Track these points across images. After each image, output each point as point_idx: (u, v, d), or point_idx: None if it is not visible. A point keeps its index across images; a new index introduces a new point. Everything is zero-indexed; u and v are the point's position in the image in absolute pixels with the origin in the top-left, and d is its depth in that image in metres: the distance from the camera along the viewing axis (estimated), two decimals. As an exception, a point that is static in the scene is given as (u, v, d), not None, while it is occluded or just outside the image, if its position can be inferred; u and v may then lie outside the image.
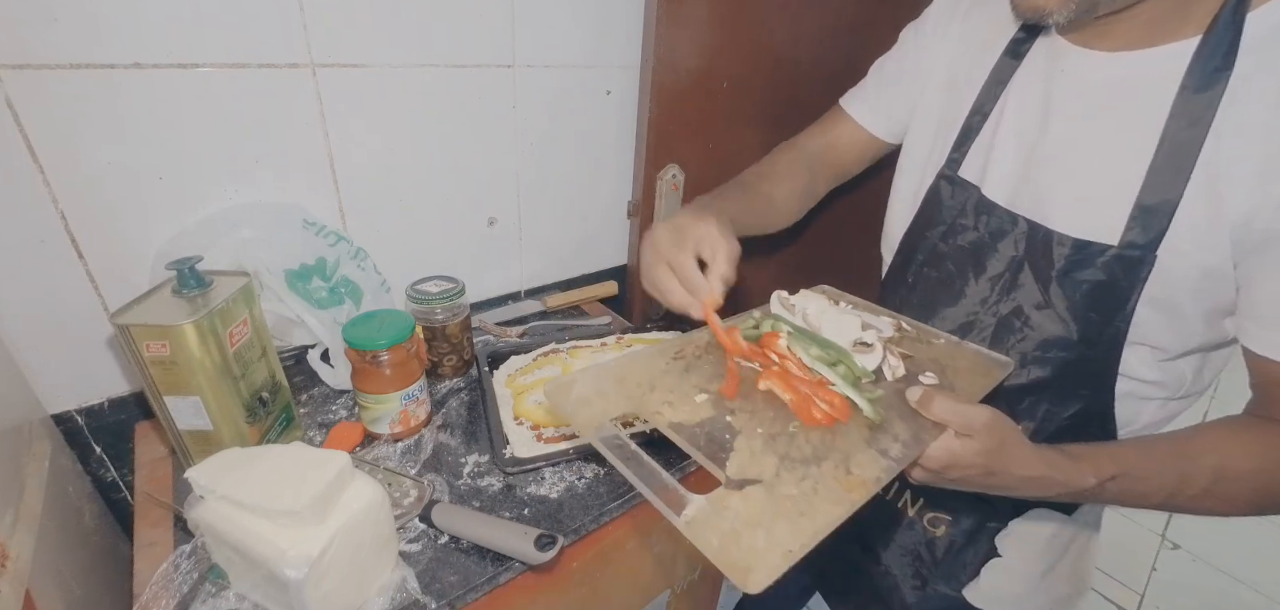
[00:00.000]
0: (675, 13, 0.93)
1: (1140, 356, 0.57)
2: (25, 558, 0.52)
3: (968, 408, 0.48)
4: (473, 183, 0.94)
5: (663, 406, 0.49)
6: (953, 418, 0.47)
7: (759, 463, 0.44)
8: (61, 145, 0.62)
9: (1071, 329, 0.57)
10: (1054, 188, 0.58)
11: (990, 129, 0.64)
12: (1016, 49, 0.63)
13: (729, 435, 0.46)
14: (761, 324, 0.59)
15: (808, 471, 0.43)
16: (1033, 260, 0.59)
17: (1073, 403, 0.60)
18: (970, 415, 0.47)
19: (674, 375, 0.54)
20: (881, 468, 0.44)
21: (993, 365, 0.58)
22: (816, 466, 0.43)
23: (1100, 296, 0.55)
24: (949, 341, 0.62)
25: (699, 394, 0.51)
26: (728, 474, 0.42)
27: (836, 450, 0.45)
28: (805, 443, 0.46)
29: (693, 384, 0.53)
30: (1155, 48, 0.52)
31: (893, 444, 0.46)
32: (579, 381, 0.52)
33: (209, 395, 0.57)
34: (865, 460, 0.44)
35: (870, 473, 0.43)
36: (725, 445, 0.45)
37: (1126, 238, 0.52)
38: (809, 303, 0.62)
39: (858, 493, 0.41)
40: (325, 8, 0.72)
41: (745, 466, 0.43)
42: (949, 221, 0.66)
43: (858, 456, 0.45)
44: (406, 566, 0.55)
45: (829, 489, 0.41)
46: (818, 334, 0.57)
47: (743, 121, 1.13)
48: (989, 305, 0.63)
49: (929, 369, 0.56)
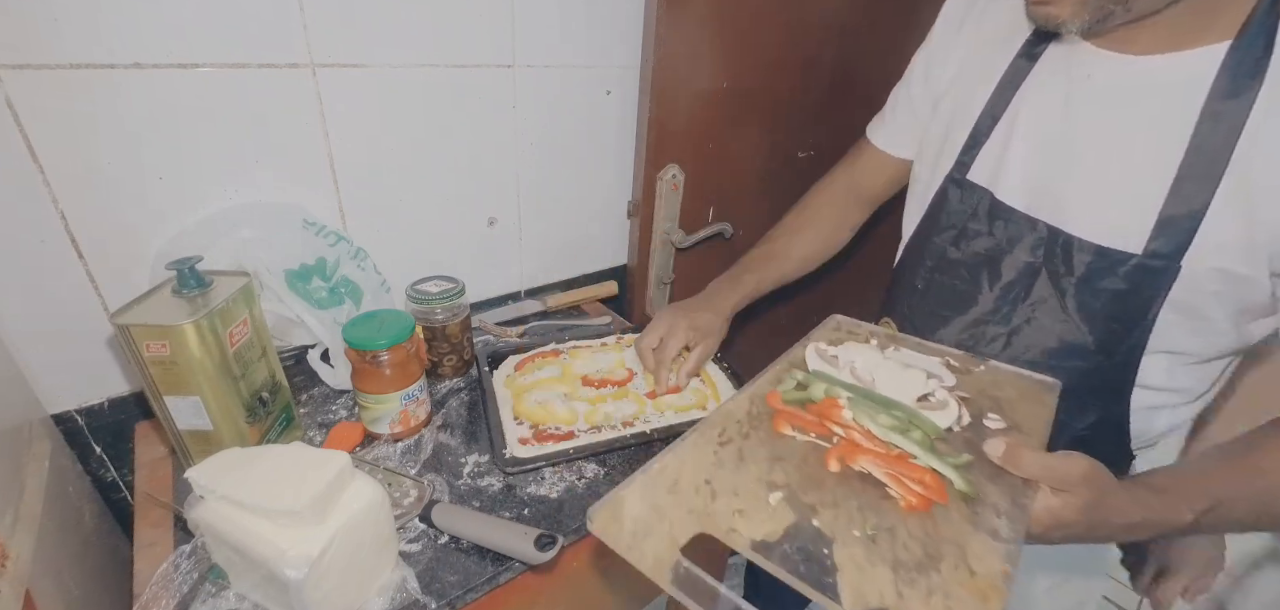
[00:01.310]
0: (675, 13, 0.93)
1: (1160, 364, 0.55)
2: (25, 558, 0.52)
3: (1061, 461, 0.45)
4: (473, 183, 0.94)
5: (736, 519, 0.43)
6: (1047, 475, 0.44)
7: (874, 580, 0.38)
8: (61, 145, 0.62)
9: (1088, 338, 0.56)
10: (1075, 193, 0.56)
11: (1003, 132, 0.63)
12: (1031, 51, 0.62)
13: (825, 547, 0.40)
14: (810, 387, 0.55)
15: (929, 581, 0.38)
16: (1051, 267, 0.58)
17: (1088, 413, 0.59)
18: (1065, 470, 0.44)
19: (729, 468, 0.48)
20: (1002, 555, 0.39)
21: (1042, 390, 0.55)
22: (936, 572, 0.38)
23: (1120, 305, 0.54)
24: (988, 368, 0.59)
25: (772, 493, 0.45)
26: (848, 607, 0.37)
27: (946, 542, 0.41)
28: (908, 538, 0.41)
29: (756, 478, 0.47)
30: (1182, 52, 0.51)
31: (996, 519, 0.42)
32: (628, 501, 0.44)
33: (209, 395, 0.57)
34: (981, 550, 0.40)
35: (995, 566, 0.39)
36: (826, 564, 0.39)
37: (1151, 246, 0.51)
38: (854, 355, 0.59)
39: (995, 600, 0.37)
40: (325, 8, 0.72)
41: (862, 590, 0.37)
42: (959, 226, 0.65)
43: (971, 546, 0.40)
44: (406, 566, 0.54)
45: (962, 601, 0.37)
46: (875, 393, 0.54)
47: (743, 121, 1.13)
48: (1001, 312, 0.62)
49: (987, 407, 0.53)
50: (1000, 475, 0.46)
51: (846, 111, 1.28)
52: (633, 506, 0.44)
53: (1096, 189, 0.55)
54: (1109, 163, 0.55)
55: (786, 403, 0.54)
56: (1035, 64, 0.61)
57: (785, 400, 0.55)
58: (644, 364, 0.81)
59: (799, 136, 1.25)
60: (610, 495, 0.45)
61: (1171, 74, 0.51)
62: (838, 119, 1.28)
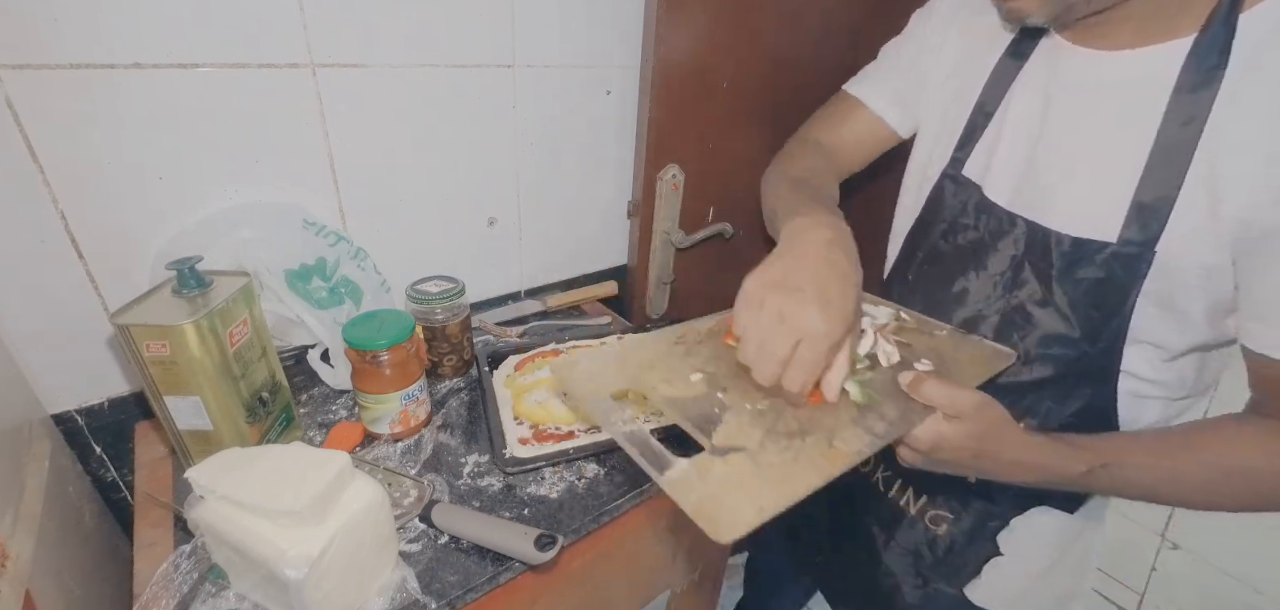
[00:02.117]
0: (675, 13, 0.93)
1: (1142, 354, 0.57)
2: (25, 558, 0.52)
3: (957, 390, 0.48)
4: (473, 183, 0.94)
5: (659, 383, 0.52)
6: (941, 400, 0.48)
7: (745, 434, 0.45)
8: (61, 145, 0.62)
9: (1073, 326, 0.58)
10: (1053, 187, 0.58)
11: (994, 129, 0.64)
12: (1018, 49, 0.63)
13: (719, 411, 0.48)
14: None
15: (791, 444, 0.44)
16: (1032, 259, 0.59)
17: (1075, 400, 0.61)
18: (959, 398, 0.48)
19: (674, 358, 0.56)
20: (865, 442, 0.45)
21: (995, 356, 0.58)
22: (801, 440, 0.45)
23: (1100, 294, 0.55)
24: (952, 333, 0.63)
25: (695, 374, 0.53)
26: (713, 442, 0.44)
27: (822, 427, 0.47)
28: (792, 419, 0.47)
29: (690, 365, 0.54)
30: (1151, 47, 0.52)
31: (879, 422, 0.48)
32: (583, 359, 0.55)
33: (209, 395, 0.57)
34: (850, 436, 0.46)
35: (853, 446, 0.44)
36: (714, 419, 0.47)
37: (1124, 235, 0.53)
38: None
39: (838, 463, 0.43)
40: (325, 8, 0.72)
41: (731, 436, 0.45)
42: (950, 220, 0.67)
43: (843, 433, 0.46)
44: (406, 566, 0.55)
45: (811, 459, 0.43)
46: None
47: (743, 121, 1.13)
48: (992, 302, 0.63)
49: (926, 358, 0.57)
50: (904, 401, 0.50)
51: (846, 111, 1.28)
52: (585, 363, 0.54)
53: (1073, 182, 0.57)
54: (1084, 156, 0.56)
55: None
56: (1024, 62, 0.63)
57: None
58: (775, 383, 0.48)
59: (799, 136, 1.25)
60: (572, 355, 0.54)
61: (1141, 68, 0.53)
62: (838, 119, 1.28)
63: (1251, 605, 1.41)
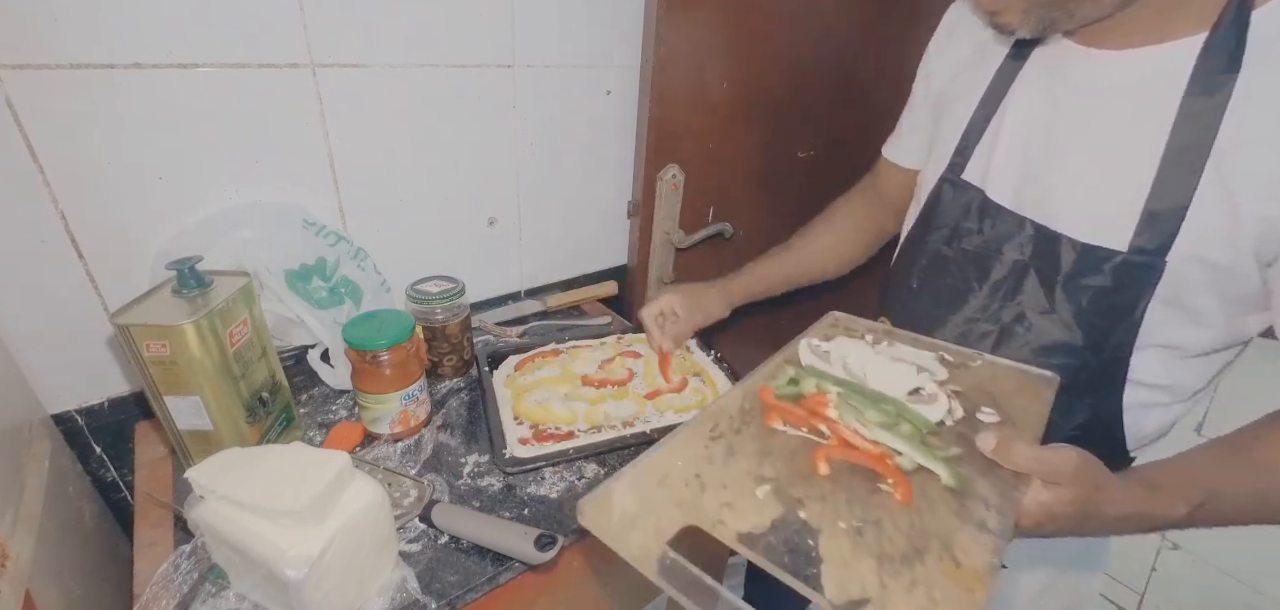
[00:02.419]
0: (675, 13, 0.93)
1: (1153, 359, 0.55)
2: (25, 558, 0.52)
3: (1052, 453, 0.44)
4: (473, 183, 0.94)
5: (723, 512, 0.43)
6: (1038, 468, 0.44)
7: (857, 572, 0.38)
8: (61, 145, 0.62)
9: (1076, 335, 0.56)
10: (1060, 190, 0.57)
11: (993, 131, 0.63)
12: (1019, 51, 0.62)
13: (810, 539, 0.41)
14: (801, 382, 0.55)
15: (913, 572, 0.38)
16: (1039, 264, 0.58)
17: (1078, 413, 0.59)
18: (1057, 462, 0.44)
19: (719, 463, 0.48)
20: (989, 549, 0.39)
21: (1039, 384, 0.55)
22: (921, 563, 0.38)
23: (1107, 302, 0.54)
24: (985, 362, 0.59)
25: (759, 486, 0.45)
26: (829, 598, 0.37)
27: (931, 534, 0.40)
28: (894, 531, 0.41)
29: (745, 471, 0.47)
30: (1159, 46, 0.51)
31: (984, 511, 0.42)
32: (617, 493, 0.45)
33: (209, 395, 0.57)
34: (967, 542, 0.39)
35: (979, 559, 0.38)
36: (810, 555, 0.39)
37: (1136, 242, 0.51)
38: (846, 350, 0.59)
39: (979, 591, 0.37)
40: (325, 8, 0.72)
41: (845, 582, 0.37)
42: (952, 225, 0.66)
43: (957, 538, 0.40)
44: (406, 566, 0.54)
45: (946, 592, 0.37)
46: (865, 388, 0.54)
47: (743, 121, 1.13)
48: (991, 311, 0.62)
49: (982, 401, 0.53)
50: (992, 469, 0.45)
51: (847, 111, 1.28)
52: (621, 498, 0.45)
53: (1081, 186, 0.56)
54: (1092, 159, 0.55)
55: (779, 398, 0.54)
56: (1023, 64, 0.62)
57: (778, 396, 0.55)
58: (646, 329, 0.87)
59: (799, 136, 1.25)
60: (600, 487, 0.45)
61: (1150, 68, 0.52)
62: (838, 119, 1.28)
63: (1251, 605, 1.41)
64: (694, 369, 0.87)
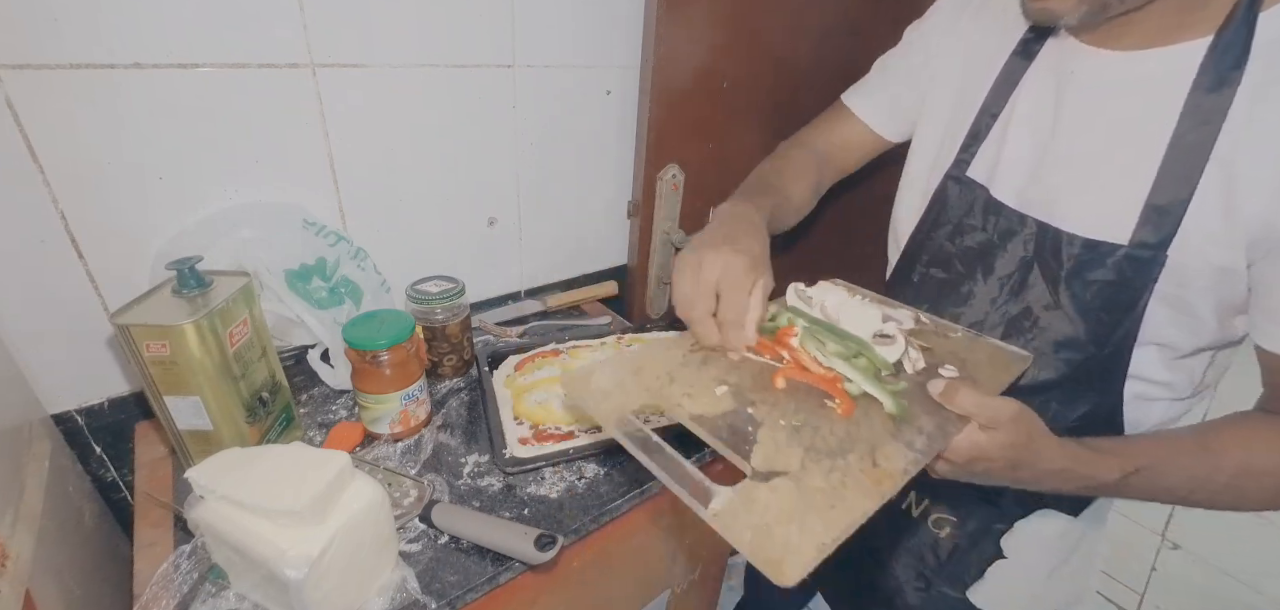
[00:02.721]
0: (675, 13, 0.93)
1: (1150, 356, 0.56)
2: (25, 558, 0.52)
3: (994, 400, 0.47)
4: (473, 183, 0.94)
5: (683, 399, 0.49)
6: (978, 410, 0.46)
7: (784, 455, 0.43)
8: (61, 145, 0.62)
9: (1080, 329, 0.57)
10: (1065, 188, 0.57)
11: (1000, 129, 0.64)
12: (1027, 49, 0.63)
13: (752, 428, 0.46)
14: (778, 317, 0.59)
15: (834, 463, 0.42)
16: (1042, 261, 0.59)
17: (1081, 404, 0.60)
18: (997, 408, 0.46)
19: (692, 367, 0.53)
20: (908, 459, 0.43)
21: (1012, 359, 0.57)
22: (842, 458, 0.43)
23: (1110, 296, 0.55)
24: (965, 334, 0.62)
25: (719, 386, 0.51)
26: (753, 466, 0.42)
27: (861, 441, 0.45)
28: (830, 434, 0.45)
29: (712, 376, 0.52)
30: (1167, 47, 0.52)
31: (917, 436, 0.46)
32: (597, 373, 0.52)
33: (209, 395, 0.57)
34: (891, 451, 0.44)
35: (897, 464, 0.43)
36: (748, 437, 0.45)
37: (1137, 237, 0.52)
38: (827, 294, 0.62)
39: (887, 484, 0.41)
40: (325, 8, 0.72)
41: (771, 458, 0.43)
42: (956, 221, 0.66)
43: (883, 447, 0.44)
44: (406, 566, 0.55)
45: (857, 481, 0.41)
46: (837, 326, 0.57)
47: (743, 121, 1.13)
48: (997, 306, 0.63)
49: (949, 362, 0.56)
50: (937, 411, 0.49)
51: (846, 111, 1.28)
52: (600, 380, 0.51)
53: (1085, 183, 0.56)
54: (1096, 157, 0.56)
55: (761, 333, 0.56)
56: (1031, 62, 0.62)
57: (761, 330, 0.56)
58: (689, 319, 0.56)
59: (799, 136, 1.25)
60: (584, 366, 0.52)
61: (1157, 68, 0.52)
62: (838, 119, 1.28)
63: (1251, 605, 1.41)
64: None
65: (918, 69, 0.75)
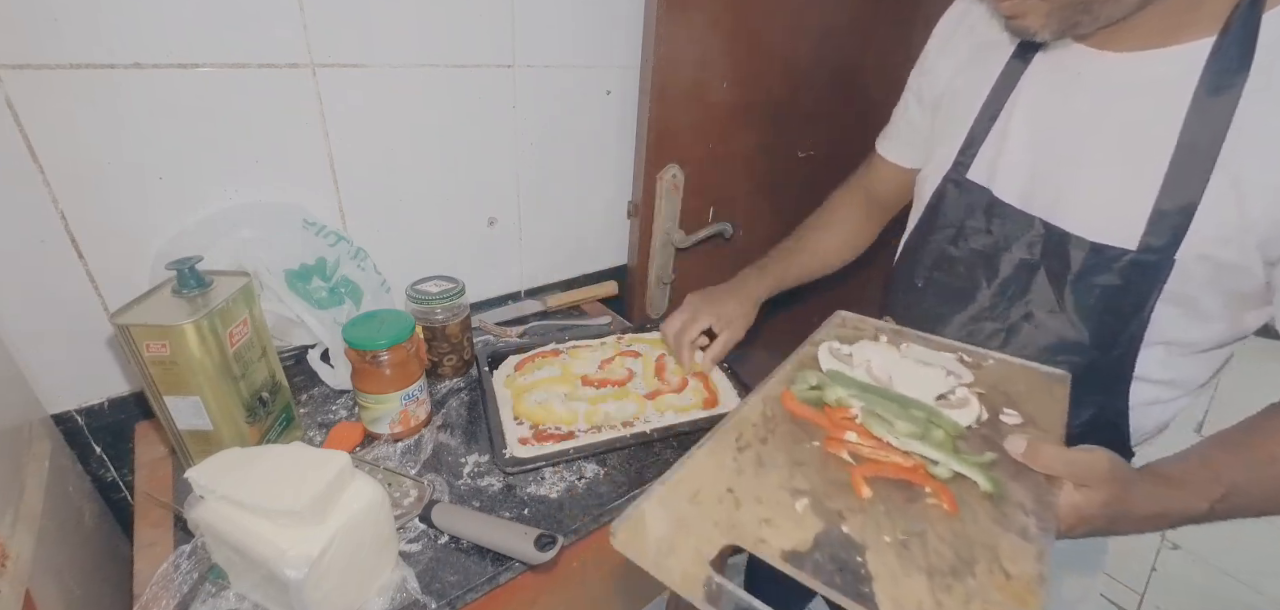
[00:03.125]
0: (675, 13, 0.93)
1: (1157, 356, 0.56)
2: (25, 558, 0.52)
3: (1083, 456, 0.45)
4: (473, 183, 0.94)
5: (762, 529, 0.42)
6: (1069, 471, 0.44)
7: (910, 588, 0.37)
8: (61, 145, 0.62)
9: (1084, 333, 0.56)
10: (1070, 190, 0.57)
11: (999, 131, 0.63)
12: (1024, 53, 0.62)
13: (857, 555, 0.40)
14: (824, 388, 0.54)
15: (966, 586, 0.37)
16: (1048, 263, 0.58)
17: (1085, 409, 0.59)
18: (1089, 465, 0.44)
19: (750, 474, 0.46)
20: (1035, 556, 0.39)
21: (1053, 382, 0.55)
22: (971, 576, 0.38)
23: (1116, 300, 0.54)
24: (999, 361, 0.59)
25: (797, 500, 0.44)
26: None
27: (976, 544, 0.40)
28: (939, 542, 0.40)
29: (778, 484, 0.45)
30: (1170, 48, 0.52)
31: (1024, 517, 0.42)
32: (649, 514, 0.43)
33: (209, 395, 0.57)
34: (1012, 550, 0.39)
35: (1028, 567, 0.38)
36: (859, 572, 0.38)
37: (1145, 241, 0.52)
38: (870, 353, 0.58)
39: (1032, 602, 0.36)
40: (325, 8, 0.72)
41: (901, 600, 0.37)
42: (958, 224, 0.66)
43: (1002, 546, 0.40)
44: (406, 566, 0.54)
45: (1000, 606, 0.36)
46: (894, 393, 0.53)
47: (743, 121, 1.13)
48: (999, 309, 0.62)
49: (1001, 402, 0.52)
50: (1022, 473, 0.45)
51: (847, 111, 1.28)
52: (654, 519, 0.42)
53: (1090, 186, 0.56)
54: (1102, 160, 0.55)
55: (802, 403, 0.53)
56: (1029, 65, 0.62)
57: (800, 400, 0.54)
58: (667, 346, 0.83)
59: (799, 136, 1.25)
60: (631, 509, 0.43)
61: (1159, 69, 0.52)
62: (838, 119, 1.28)
63: (1251, 605, 1.41)
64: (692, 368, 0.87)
65: (918, 105, 0.76)
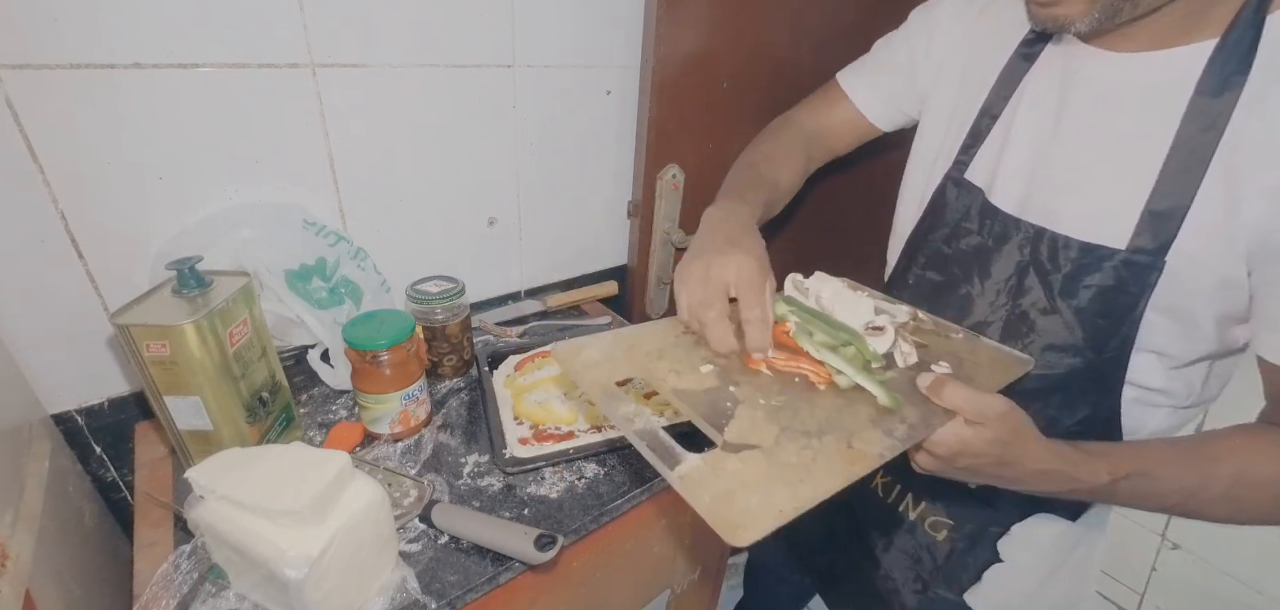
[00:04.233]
0: (675, 13, 0.93)
1: (1148, 363, 0.56)
2: (25, 558, 0.52)
3: (982, 395, 0.46)
4: (473, 183, 0.94)
5: (669, 374, 0.50)
6: (966, 405, 0.46)
7: (759, 431, 0.43)
8: (61, 145, 0.62)
9: (1077, 334, 0.56)
10: (1064, 191, 0.57)
11: (1000, 132, 0.63)
12: (1029, 51, 0.62)
13: (732, 404, 0.46)
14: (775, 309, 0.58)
15: (809, 442, 0.43)
16: (1038, 264, 0.58)
17: (1079, 409, 0.60)
18: (984, 404, 0.46)
19: (683, 348, 0.54)
20: (885, 445, 0.43)
21: (1012, 362, 0.57)
22: (819, 439, 0.43)
23: (1107, 301, 0.54)
24: (967, 336, 0.61)
25: (705, 365, 0.51)
26: (726, 438, 0.43)
27: (841, 426, 0.45)
28: (810, 417, 0.46)
29: (700, 356, 0.53)
30: (1172, 49, 0.51)
31: (899, 426, 0.46)
32: (589, 345, 0.52)
33: (209, 395, 0.57)
34: (869, 438, 0.44)
35: (872, 448, 0.43)
36: (726, 412, 0.45)
37: (1135, 242, 0.52)
38: (823, 286, 0.62)
39: (858, 465, 0.41)
40: (325, 8, 0.72)
41: (745, 433, 0.43)
42: (953, 224, 0.66)
43: (862, 434, 0.44)
44: (406, 566, 0.55)
45: (829, 460, 0.41)
46: (830, 316, 0.57)
47: (743, 121, 1.12)
48: (995, 309, 0.62)
49: (944, 360, 0.55)
50: (926, 405, 0.48)
51: (846, 111, 1.28)
52: (591, 352, 0.52)
53: (1084, 186, 0.56)
54: (1096, 160, 0.55)
55: None
56: (1032, 64, 0.62)
57: None
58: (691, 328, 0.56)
59: (799, 136, 1.25)
60: (577, 339, 0.53)
61: (1161, 71, 0.52)
62: (838, 119, 1.27)
63: (1251, 605, 1.41)
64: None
65: (918, 57, 0.73)
